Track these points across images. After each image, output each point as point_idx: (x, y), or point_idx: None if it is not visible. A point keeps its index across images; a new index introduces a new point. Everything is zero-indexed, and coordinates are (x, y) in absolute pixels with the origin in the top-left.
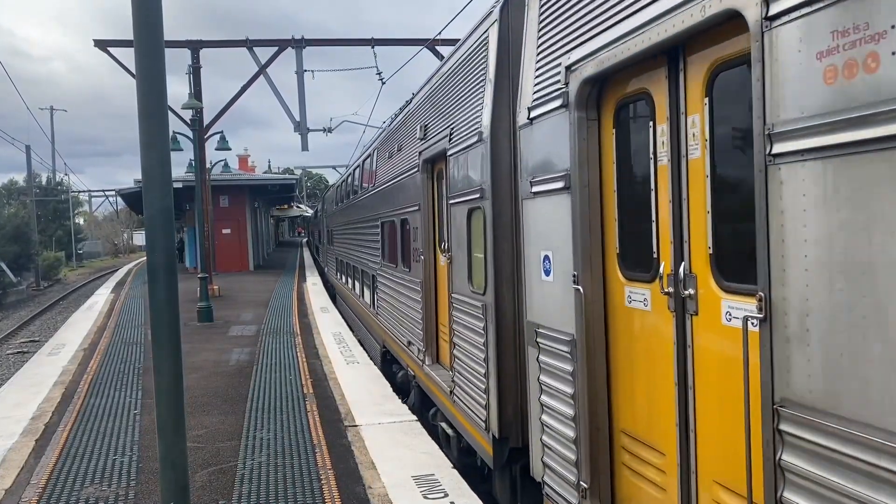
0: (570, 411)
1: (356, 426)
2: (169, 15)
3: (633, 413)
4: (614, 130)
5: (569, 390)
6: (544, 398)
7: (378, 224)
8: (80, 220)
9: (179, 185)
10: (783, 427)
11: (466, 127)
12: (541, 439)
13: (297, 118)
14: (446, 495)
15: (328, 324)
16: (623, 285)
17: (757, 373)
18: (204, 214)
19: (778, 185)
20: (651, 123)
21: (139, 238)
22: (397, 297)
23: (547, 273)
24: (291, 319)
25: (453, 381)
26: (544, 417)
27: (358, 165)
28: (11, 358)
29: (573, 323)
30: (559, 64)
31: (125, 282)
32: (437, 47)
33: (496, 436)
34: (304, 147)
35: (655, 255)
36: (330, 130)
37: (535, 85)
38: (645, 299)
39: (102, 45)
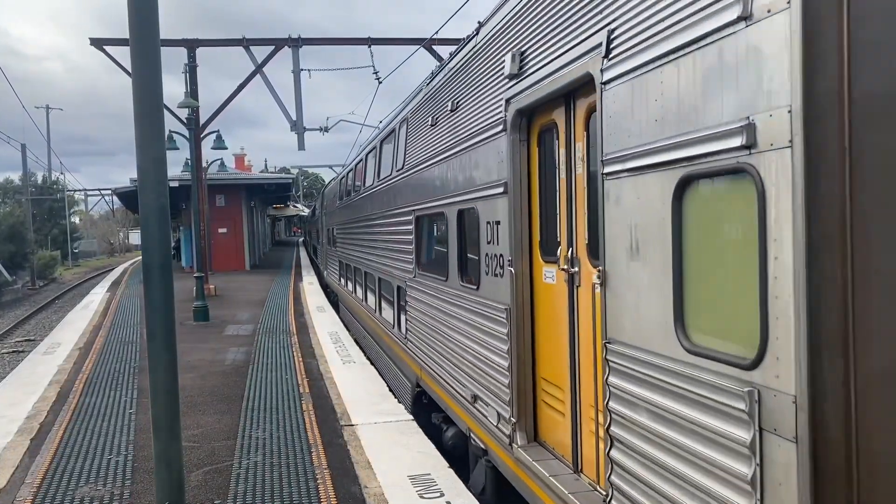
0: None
1: (352, 425)
2: (162, 14)
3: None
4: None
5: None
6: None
7: (410, 219)
8: (76, 219)
9: (175, 184)
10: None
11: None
12: None
13: (294, 117)
14: (442, 495)
15: (324, 323)
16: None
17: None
18: (200, 214)
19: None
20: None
21: (135, 237)
22: (448, 322)
23: None
24: (288, 319)
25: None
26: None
27: (373, 148)
28: (6, 357)
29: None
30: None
31: (121, 281)
32: (433, 47)
33: None
34: (301, 146)
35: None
36: (327, 130)
37: None
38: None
39: (98, 43)
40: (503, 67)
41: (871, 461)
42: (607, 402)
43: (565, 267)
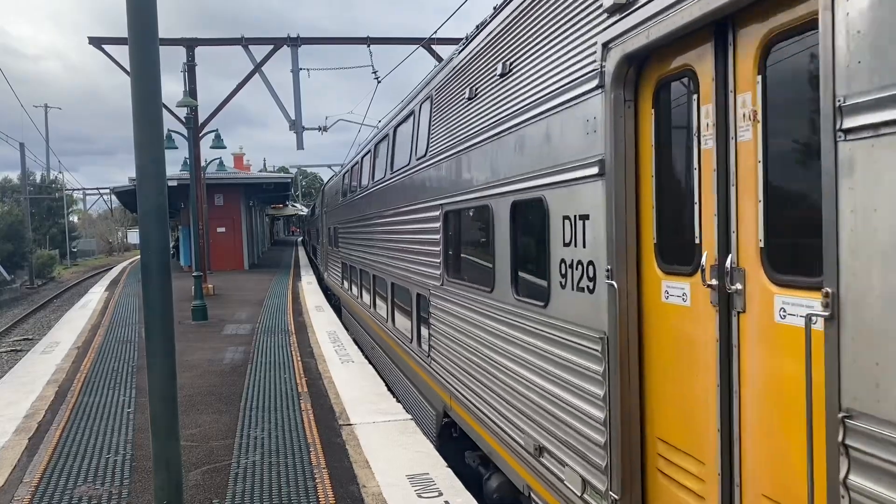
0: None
1: (350, 425)
2: (161, 14)
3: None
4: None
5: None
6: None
7: (437, 215)
8: (75, 219)
9: (174, 183)
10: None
11: None
12: None
13: (293, 117)
14: (441, 494)
15: (323, 323)
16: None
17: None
18: (199, 213)
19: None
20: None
21: (133, 236)
22: (494, 345)
23: None
24: (286, 318)
25: None
26: None
27: (385, 136)
28: (4, 356)
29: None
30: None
31: (119, 280)
32: (432, 46)
33: None
34: (300, 145)
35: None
36: (325, 129)
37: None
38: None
39: (97, 42)
40: (595, 1)
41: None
42: None
43: (713, 282)
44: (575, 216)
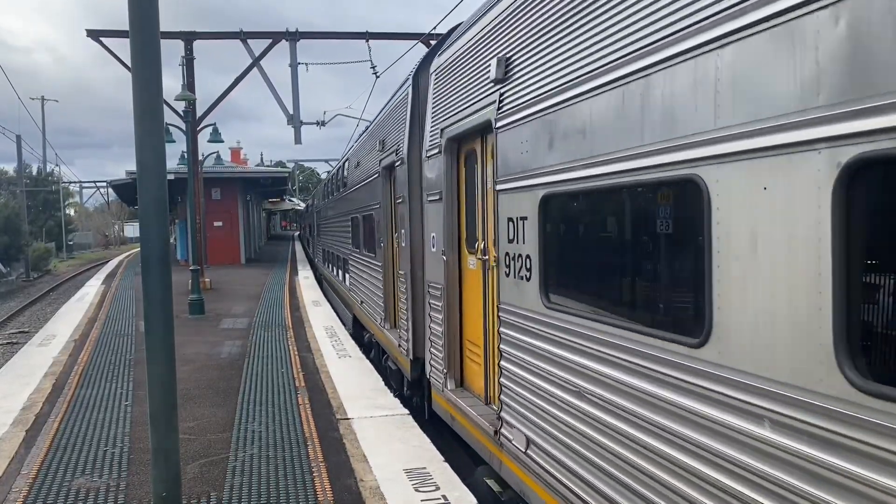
0: (440, 328)
1: (348, 419)
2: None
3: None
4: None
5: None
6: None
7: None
8: (71, 212)
9: (172, 177)
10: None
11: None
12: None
13: (291, 111)
14: (438, 488)
15: (320, 318)
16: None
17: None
18: (196, 207)
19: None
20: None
21: (130, 230)
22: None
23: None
24: (283, 313)
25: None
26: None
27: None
28: (1, 349)
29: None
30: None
31: (116, 273)
32: (430, 42)
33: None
34: (298, 140)
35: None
36: (323, 124)
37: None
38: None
39: (95, 34)
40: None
41: None
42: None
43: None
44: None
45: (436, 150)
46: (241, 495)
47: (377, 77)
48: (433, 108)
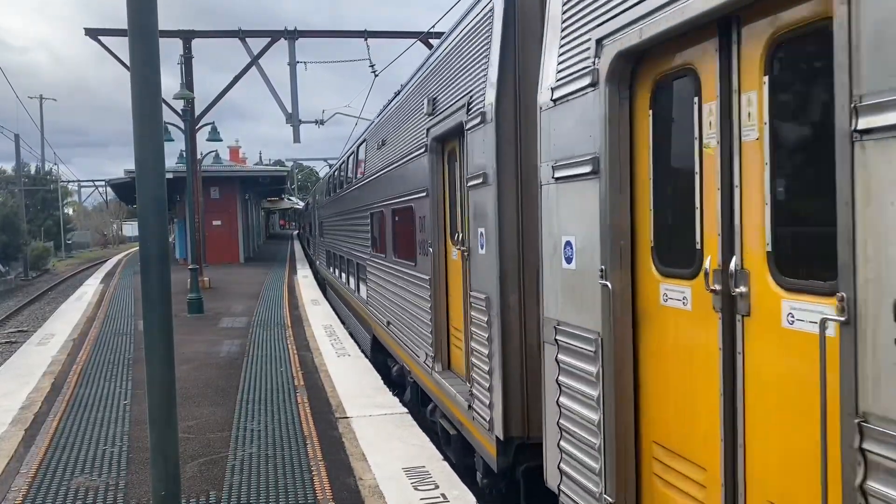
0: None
1: (347, 418)
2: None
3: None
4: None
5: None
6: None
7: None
8: (70, 211)
9: (170, 175)
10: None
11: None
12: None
13: (290, 110)
14: (437, 487)
15: (319, 316)
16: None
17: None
18: (195, 206)
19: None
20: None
21: (128, 229)
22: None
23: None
24: (282, 312)
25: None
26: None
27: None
28: (0, 348)
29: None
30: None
31: (115, 272)
32: (430, 40)
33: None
34: (296, 139)
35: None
36: (322, 122)
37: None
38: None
39: (93, 33)
40: None
41: None
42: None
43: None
44: None
45: (583, 84)
46: (241, 494)
47: (376, 76)
48: (572, 7)
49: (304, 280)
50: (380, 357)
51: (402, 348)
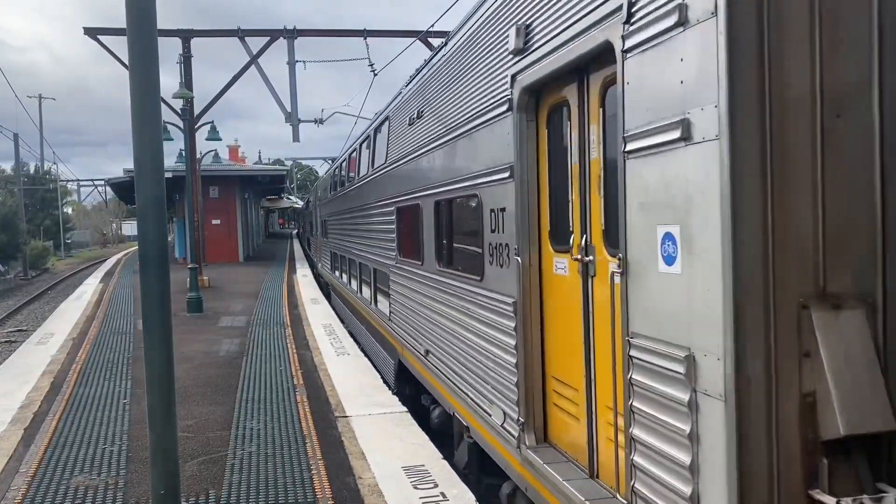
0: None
1: (346, 417)
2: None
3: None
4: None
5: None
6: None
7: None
8: (69, 210)
9: (169, 175)
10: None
11: None
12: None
13: (289, 109)
14: (436, 486)
15: (318, 315)
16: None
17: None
18: (194, 205)
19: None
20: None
21: (128, 228)
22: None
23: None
24: (282, 311)
25: None
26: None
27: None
28: None
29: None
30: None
31: (114, 272)
32: (429, 40)
33: None
34: (296, 138)
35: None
36: (321, 121)
37: None
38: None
39: (92, 32)
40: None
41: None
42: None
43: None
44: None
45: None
46: (240, 493)
47: (375, 75)
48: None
49: (304, 279)
50: (407, 387)
51: (452, 392)
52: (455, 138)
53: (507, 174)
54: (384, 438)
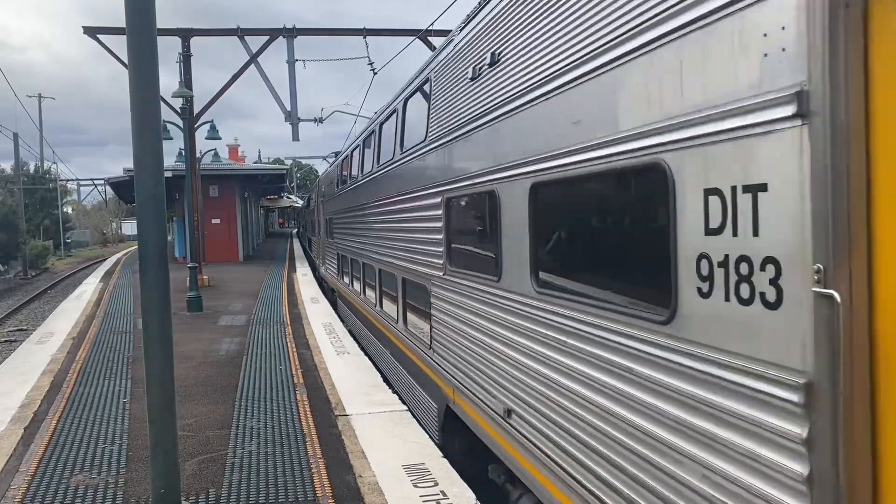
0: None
1: (346, 416)
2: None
3: None
4: None
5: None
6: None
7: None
8: (69, 209)
9: (169, 174)
10: None
11: None
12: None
13: (288, 108)
14: (436, 484)
15: (318, 314)
16: None
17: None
18: (194, 204)
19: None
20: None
21: (128, 227)
22: None
23: None
24: (281, 310)
25: None
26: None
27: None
28: None
29: None
30: None
31: (114, 271)
32: (429, 38)
33: None
34: (295, 137)
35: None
36: (321, 120)
37: None
38: None
39: (92, 31)
40: None
41: None
42: None
43: None
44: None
45: None
46: (240, 492)
47: (375, 74)
48: None
49: (304, 278)
50: (457, 441)
51: (565, 487)
52: (601, 67)
53: (777, 112)
54: (384, 437)
